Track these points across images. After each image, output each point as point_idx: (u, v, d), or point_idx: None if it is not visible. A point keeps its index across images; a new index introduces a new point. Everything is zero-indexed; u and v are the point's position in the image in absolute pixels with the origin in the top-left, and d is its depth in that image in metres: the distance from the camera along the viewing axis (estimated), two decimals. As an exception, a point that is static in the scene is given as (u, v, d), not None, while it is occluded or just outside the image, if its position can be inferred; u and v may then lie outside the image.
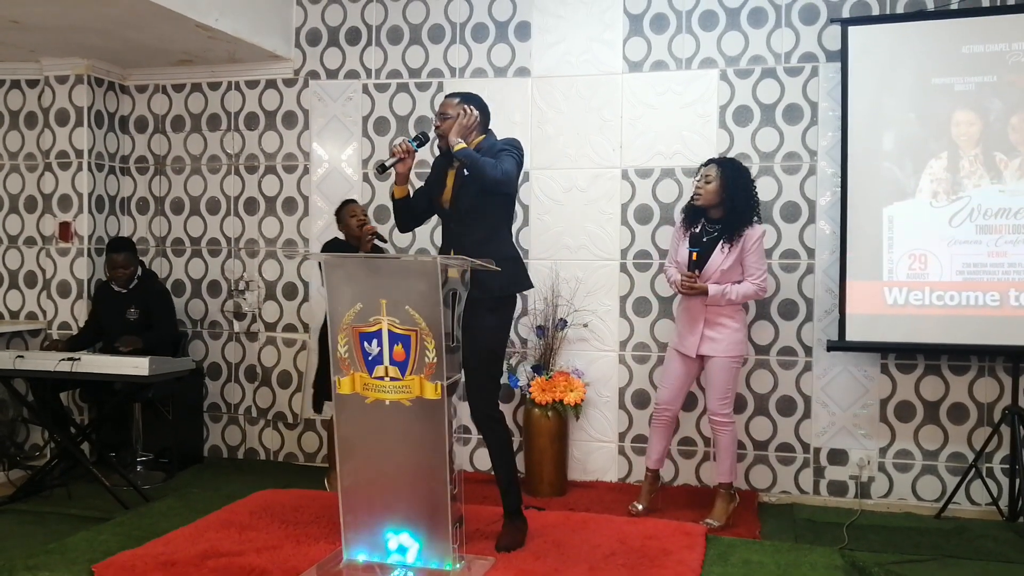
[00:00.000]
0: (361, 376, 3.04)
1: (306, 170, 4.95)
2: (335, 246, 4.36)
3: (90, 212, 4.93)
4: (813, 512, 4.11)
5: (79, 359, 4.02)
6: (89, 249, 4.93)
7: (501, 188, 3.23)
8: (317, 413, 4.43)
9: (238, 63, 4.94)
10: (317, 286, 4.88)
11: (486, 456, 3.40)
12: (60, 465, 4.32)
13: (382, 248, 4.34)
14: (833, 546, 3.54)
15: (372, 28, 4.83)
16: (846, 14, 4.21)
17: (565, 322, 4.45)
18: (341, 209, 4.44)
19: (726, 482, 3.85)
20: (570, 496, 4.30)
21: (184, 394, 4.86)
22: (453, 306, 2.98)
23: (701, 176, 3.81)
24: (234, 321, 5.09)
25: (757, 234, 3.75)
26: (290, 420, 5.01)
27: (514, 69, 4.63)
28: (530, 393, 4.32)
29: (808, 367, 4.30)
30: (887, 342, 4.06)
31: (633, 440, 4.49)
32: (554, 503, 4.13)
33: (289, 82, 4.97)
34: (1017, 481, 3.92)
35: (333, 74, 4.89)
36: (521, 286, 3.39)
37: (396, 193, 3.42)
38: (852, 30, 4.08)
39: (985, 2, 4.09)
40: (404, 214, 3.49)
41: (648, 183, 4.46)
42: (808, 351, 4.30)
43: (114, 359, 4.08)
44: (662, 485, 4.03)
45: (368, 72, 4.84)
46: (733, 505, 3.87)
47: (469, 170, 3.23)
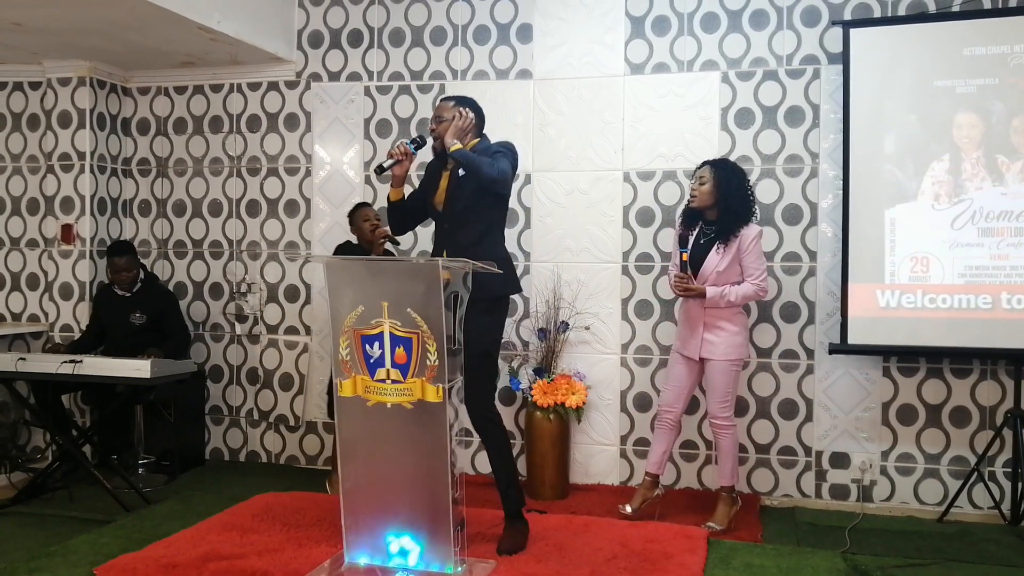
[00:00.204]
0: (363, 379, 3.04)
1: (308, 172, 4.95)
2: (347, 250, 4.35)
3: (92, 214, 4.94)
4: (815, 515, 4.10)
5: (81, 361, 4.02)
6: (91, 251, 4.93)
7: (496, 187, 3.26)
8: (331, 419, 4.40)
9: (240, 65, 4.95)
10: (319, 288, 4.89)
11: (487, 459, 3.39)
12: (62, 467, 4.32)
13: (395, 252, 4.34)
14: (835, 550, 3.54)
15: (374, 30, 4.83)
16: (848, 16, 4.20)
17: (567, 325, 4.45)
18: (354, 213, 4.44)
19: (728, 485, 3.85)
20: (572, 499, 4.29)
21: (186, 397, 4.86)
22: (455, 308, 2.98)
23: (696, 178, 3.83)
24: (236, 323, 5.09)
25: (753, 234, 3.74)
26: (292, 423, 5.01)
27: (516, 71, 4.63)
28: (532, 396, 4.32)
29: (810, 370, 4.29)
30: (889, 345, 4.06)
31: (635, 443, 4.48)
32: (556, 506, 4.13)
33: (291, 84, 4.97)
34: (1019, 485, 3.91)
35: (335, 76, 4.89)
36: (514, 288, 3.40)
37: (392, 195, 3.46)
38: (854, 32, 4.08)
39: (987, 4, 4.09)
40: (399, 216, 3.53)
41: (650, 185, 4.46)
42: (810, 354, 4.29)
43: (116, 361, 4.08)
44: (665, 489, 4.02)
45: (370, 74, 4.84)
46: (735, 508, 3.87)
47: (465, 169, 3.25)
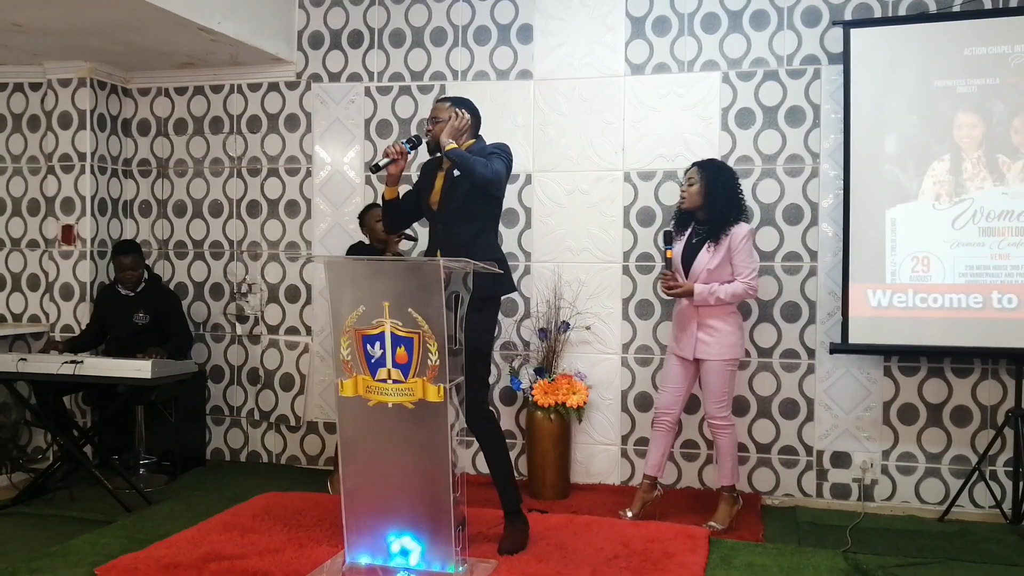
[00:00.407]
0: (364, 379, 3.04)
1: (308, 173, 4.95)
2: (359, 250, 4.35)
3: (93, 215, 4.94)
4: (816, 515, 4.10)
5: (82, 362, 4.02)
6: (92, 252, 4.93)
7: (490, 187, 3.27)
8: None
9: (240, 66, 4.95)
10: (320, 289, 4.89)
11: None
12: (63, 468, 4.32)
13: (411, 245, 4.39)
14: (836, 549, 3.54)
15: (374, 31, 4.84)
16: (848, 16, 4.20)
17: (567, 325, 4.45)
18: (365, 214, 4.44)
19: (728, 485, 3.84)
20: (572, 499, 4.30)
21: (187, 397, 4.86)
22: (456, 308, 2.98)
23: (685, 179, 3.86)
24: (236, 324, 5.09)
25: (743, 233, 3.74)
26: (292, 423, 5.01)
27: (516, 72, 4.63)
28: (533, 396, 4.32)
29: (811, 370, 4.29)
30: (890, 345, 4.06)
31: (636, 443, 4.48)
32: (556, 506, 4.13)
33: (291, 85, 4.97)
34: (1021, 484, 3.91)
35: (335, 77, 4.89)
36: (507, 288, 3.41)
37: (387, 194, 3.48)
38: (854, 32, 4.08)
39: (987, 4, 4.09)
40: (393, 214, 3.56)
41: (650, 185, 4.46)
42: (811, 353, 4.29)
43: (117, 362, 4.07)
44: (664, 489, 4.01)
45: (370, 75, 4.85)
46: (736, 508, 3.86)
47: (459, 169, 3.26)
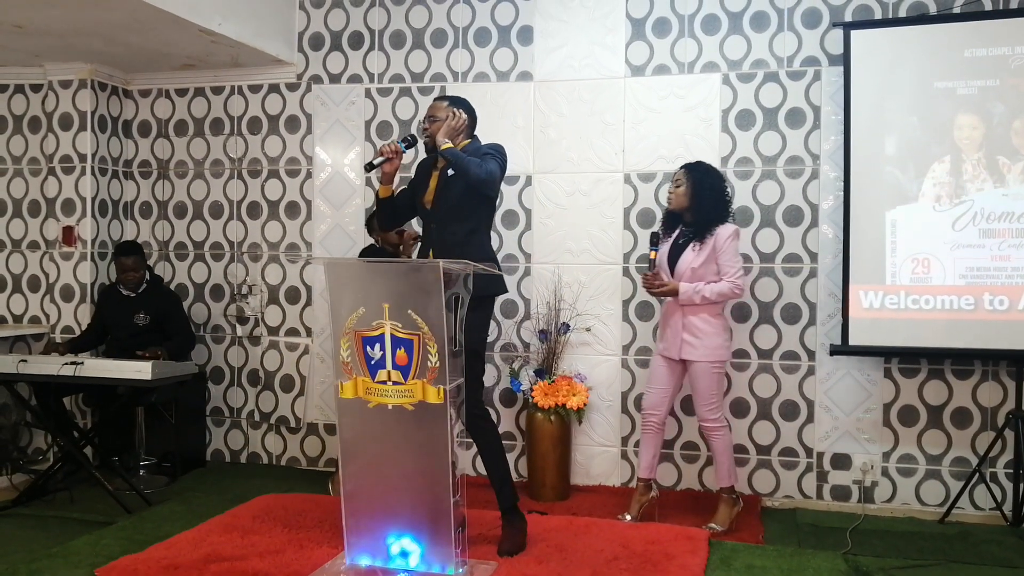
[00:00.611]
0: (364, 380, 3.04)
1: (309, 174, 4.96)
2: (373, 253, 4.34)
3: (93, 216, 4.94)
4: (816, 517, 4.10)
5: (82, 363, 4.02)
6: (92, 253, 4.94)
7: (484, 188, 3.28)
8: None
9: (241, 67, 4.95)
10: (320, 290, 4.89)
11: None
12: (63, 469, 4.32)
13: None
14: (836, 551, 3.54)
15: (375, 32, 4.84)
16: (848, 18, 4.21)
17: (568, 326, 4.45)
18: (373, 219, 4.42)
19: (727, 486, 3.84)
20: (573, 500, 4.30)
21: (187, 398, 4.86)
22: (456, 310, 2.98)
23: (672, 182, 3.89)
24: (237, 325, 5.09)
25: (728, 232, 3.75)
26: (293, 424, 5.01)
27: (516, 73, 4.63)
28: (533, 397, 4.32)
29: (811, 371, 4.29)
30: (890, 346, 4.06)
31: (636, 444, 4.47)
32: (557, 507, 4.13)
33: (292, 86, 4.97)
34: (1021, 486, 3.91)
35: (336, 78, 4.89)
36: (499, 288, 3.41)
37: (381, 192, 3.50)
38: (854, 34, 4.08)
39: (988, 5, 4.09)
40: (388, 212, 3.57)
41: (650, 187, 4.46)
42: (811, 355, 4.29)
43: (117, 363, 4.07)
44: (664, 491, 4.01)
45: (371, 76, 4.85)
46: (736, 509, 3.86)
47: (454, 168, 3.27)
